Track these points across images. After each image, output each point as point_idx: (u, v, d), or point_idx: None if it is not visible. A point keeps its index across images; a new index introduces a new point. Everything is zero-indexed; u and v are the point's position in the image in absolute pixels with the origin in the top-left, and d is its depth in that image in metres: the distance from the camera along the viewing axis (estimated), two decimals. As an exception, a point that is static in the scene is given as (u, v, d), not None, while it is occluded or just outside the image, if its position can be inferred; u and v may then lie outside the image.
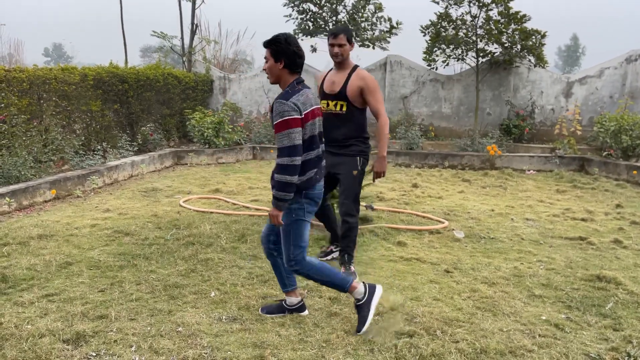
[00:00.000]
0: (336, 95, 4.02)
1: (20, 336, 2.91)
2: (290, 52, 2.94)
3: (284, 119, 2.81)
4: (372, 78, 4.02)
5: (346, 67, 4.05)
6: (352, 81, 3.98)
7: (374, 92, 3.98)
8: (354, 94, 3.98)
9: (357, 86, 3.97)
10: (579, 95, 11.15)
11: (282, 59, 2.94)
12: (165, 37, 12.13)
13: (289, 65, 2.96)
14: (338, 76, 4.06)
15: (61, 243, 4.65)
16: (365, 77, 3.99)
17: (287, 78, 3.00)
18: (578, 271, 4.18)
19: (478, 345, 2.91)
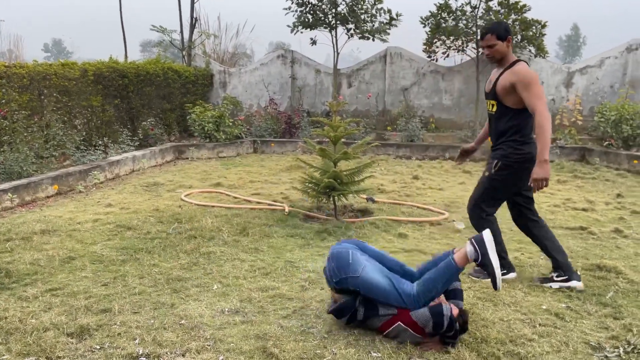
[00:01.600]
0: (488, 94, 3.83)
1: (25, 330, 2.94)
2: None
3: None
4: (528, 71, 3.58)
5: (505, 64, 3.70)
6: (503, 77, 3.64)
7: (529, 86, 3.51)
8: (504, 92, 3.62)
9: (508, 82, 3.59)
10: (580, 85, 11.12)
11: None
12: (165, 31, 12.12)
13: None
14: (495, 74, 3.77)
15: (64, 238, 4.67)
16: (519, 71, 3.58)
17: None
18: (579, 260, 4.20)
19: (479, 335, 2.93)
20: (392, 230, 5.05)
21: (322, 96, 12.44)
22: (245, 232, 4.88)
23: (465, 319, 2.86)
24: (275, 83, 12.62)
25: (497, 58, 3.71)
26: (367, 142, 5.76)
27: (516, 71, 3.59)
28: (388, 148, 10.17)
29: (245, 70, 12.94)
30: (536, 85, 3.53)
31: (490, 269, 2.87)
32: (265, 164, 9.20)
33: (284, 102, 12.57)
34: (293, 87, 12.54)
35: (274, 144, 10.66)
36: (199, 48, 13.09)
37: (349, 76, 12.38)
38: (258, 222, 5.22)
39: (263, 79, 12.62)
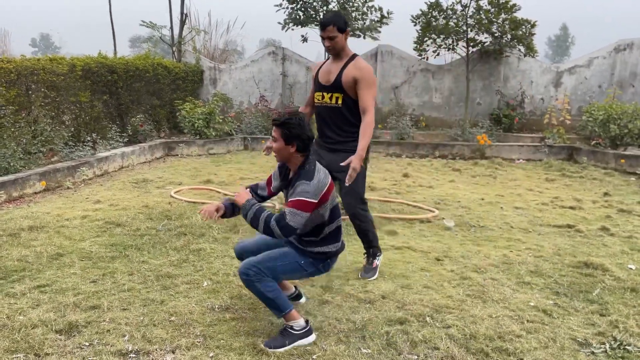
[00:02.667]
0: (331, 85, 3.73)
1: (13, 327, 2.92)
2: (305, 137, 2.82)
3: (299, 198, 2.74)
4: (370, 70, 3.68)
5: (343, 57, 3.74)
6: (348, 70, 3.67)
7: (371, 86, 3.64)
8: (348, 85, 3.67)
9: (352, 76, 3.64)
10: (569, 84, 11.22)
11: (294, 143, 2.82)
12: (155, 27, 12.03)
13: (301, 148, 2.85)
14: (334, 66, 3.76)
15: (52, 234, 4.63)
16: (364, 67, 3.65)
17: (298, 160, 2.89)
18: (566, 258, 4.25)
19: (468, 331, 2.96)
20: (383, 227, 5.06)
21: (313, 94, 12.42)
22: (236, 229, 4.87)
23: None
24: (266, 80, 12.59)
25: (337, 50, 3.72)
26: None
27: (361, 67, 3.66)
28: (378, 146, 10.20)
29: (236, 67, 12.89)
30: (374, 87, 3.70)
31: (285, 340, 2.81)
32: (255, 161, 9.17)
33: (274, 99, 12.54)
34: (284, 84, 12.51)
35: (264, 141, 10.63)
36: (189, 44, 13.01)
37: (339, 74, 12.37)
38: (248, 219, 5.21)
39: (254, 76, 12.58)
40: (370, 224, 3.90)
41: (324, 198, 2.83)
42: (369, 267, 3.86)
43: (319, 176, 2.82)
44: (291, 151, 2.85)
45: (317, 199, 2.78)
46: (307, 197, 2.75)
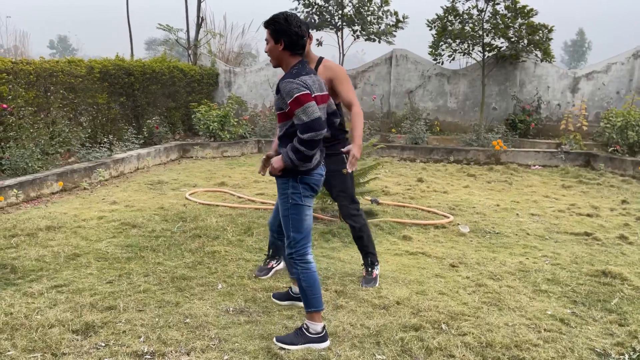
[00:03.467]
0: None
1: (30, 326, 2.95)
2: (292, 32, 2.74)
3: (295, 96, 2.64)
4: (341, 67, 3.70)
5: (311, 61, 3.72)
6: (320, 73, 3.66)
7: (345, 80, 3.67)
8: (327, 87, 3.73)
9: (326, 77, 3.64)
10: (586, 90, 11.09)
11: (282, 40, 2.75)
12: (171, 29, 12.13)
13: (289, 46, 2.76)
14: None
15: (69, 235, 4.68)
16: (333, 66, 3.69)
17: (289, 60, 2.81)
18: (583, 266, 4.19)
19: (484, 339, 2.93)
20: (397, 233, 5.04)
21: (327, 97, 12.42)
22: (250, 232, 4.88)
23: None
24: (280, 83, 12.61)
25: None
26: (373, 144, 5.76)
27: (331, 67, 3.67)
28: (392, 150, 10.17)
29: (251, 70, 12.95)
30: (349, 81, 3.67)
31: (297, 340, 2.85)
32: (269, 164, 9.18)
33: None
34: (298, 88, 12.53)
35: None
36: (204, 47, 13.10)
37: (354, 77, 12.37)
38: (262, 222, 5.22)
39: (268, 79, 12.63)
40: (365, 225, 3.87)
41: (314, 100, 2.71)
42: (369, 277, 3.81)
43: (306, 78, 2.72)
44: (280, 49, 2.77)
45: (309, 91, 2.68)
46: (301, 90, 2.65)
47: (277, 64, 2.86)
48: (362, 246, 3.88)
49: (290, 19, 2.75)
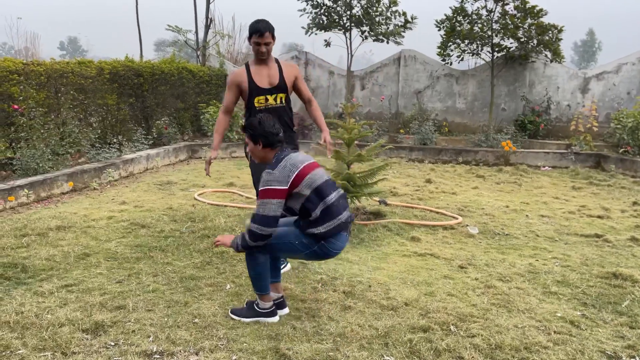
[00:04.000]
0: (276, 87, 3.95)
1: (41, 325, 2.97)
2: (268, 133, 3.06)
3: (264, 188, 2.92)
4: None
5: (270, 61, 3.98)
6: (286, 72, 4.00)
7: (303, 80, 4.19)
8: (291, 83, 4.05)
9: (292, 75, 4.03)
10: (596, 91, 11.01)
11: (259, 141, 3.07)
12: (180, 31, 12.20)
13: (267, 144, 3.08)
14: (268, 69, 3.96)
15: (79, 234, 4.72)
16: (294, 65, 4.15)
17: (269, 154, 3.11)
18: (594, 268, 4.15)
19: (493, 341, 2.91)
20: (405, 234, 5.03)
21: (335, 98, 12.44)
22: (258, 233, 4.88)
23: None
24: (288, 84, 12.63)
25: (268, 55, 3.95)
26: (381, 145, 5.75)
27: (293, 65, 4.14)
28: (401, 151, 10.15)
29: (259, 71, 12.97)
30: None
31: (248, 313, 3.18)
32: (277, 164, 9.20)
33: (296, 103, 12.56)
34: (306, 89, 12.55)
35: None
36: (213, 48, 13.16)
37: (362, 78, 12.37)
38: (271, 222, 5.23)
39: (276, 80, 12.64)
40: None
41: (295, 181, 2.95)
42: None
43: (285, 163, 2.98)
44: (259, 148, 3.11)
45: (286, 185, 2.93)
46: (272, 185, 2.92)
47: (261, 160, 3.18)
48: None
49: (263, 121, 3.08)
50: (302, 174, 2.97)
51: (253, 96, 3.93)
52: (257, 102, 3.93)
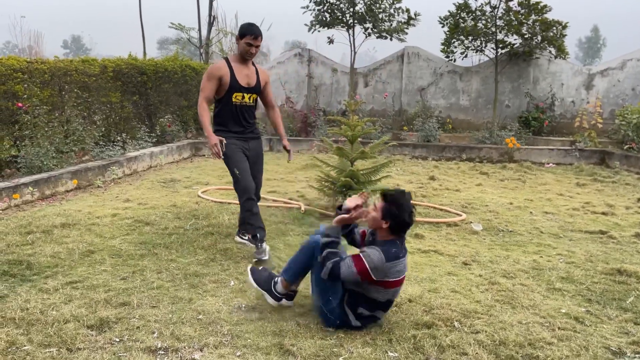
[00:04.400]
0: (253, 88, 4.25)
1: (46, 321, 2.98)
2: (404, 223, 2.90)
3: (364, 260, 2.83)
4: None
5: (250, 62, 4.27)
6: (261, 76, 4.32)
7: (270, 85, 4.50)
8: (263, 87, 4.35)
9: (264, 80, 4.36)
10: (600, 87, 10.97)
11: (389, 221, 2.88)
12: (183, 29, 12.21)
13: (393, 228, 2.91)
14: (247, 70, 4.23)
15: (83, 232, 4.73)
16: (266, 71, 4.49)
17: (385, 234, 2.95)
18: (598, 265, 4.14)
19: (497, 337, 2.91)
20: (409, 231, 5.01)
21: (339, 95, 12.43)
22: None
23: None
24: (291, 82, 12.64)
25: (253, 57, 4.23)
26: (385, 142, 5.74)
27: (265, 71, 4.47)
28: (404, 148, 10.14)
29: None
30: None
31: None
32: (281, 162, 9.21)
33: (300, 100, 12.58)
34: (309, 86, 12.55)
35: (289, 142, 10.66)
36: (216, 46, 13.16)
37: (365, 75, 12.35)
38: (274, 219, 5.24)
39: (279, 78, 12.65)
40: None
41: (385, 284, 2.88)
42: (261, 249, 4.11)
43: (394, 264, 2.86)
44: (383, 226, 2.91)
45: (376, 278, 2.84)
46: (369, 265, 2.82)
47: (372, 227, 3.01)
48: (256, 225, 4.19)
49: (405, 205, 2.87)
50: (395, 284, 2.92)
51: (232, 91, 4.16)
52: (235, 98, 4.18)
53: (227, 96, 4.17)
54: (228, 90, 4.15)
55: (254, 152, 4.39)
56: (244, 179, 4.13)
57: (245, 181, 4.13)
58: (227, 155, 4.16)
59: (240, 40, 4.10)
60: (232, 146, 4.19)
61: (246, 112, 4.30)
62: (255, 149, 4.42)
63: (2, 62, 6.65)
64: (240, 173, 4.13)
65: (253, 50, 4.11)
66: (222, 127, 4.25)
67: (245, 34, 4.06)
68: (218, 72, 4.12)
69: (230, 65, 4.16)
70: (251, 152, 4.35)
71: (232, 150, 4.19)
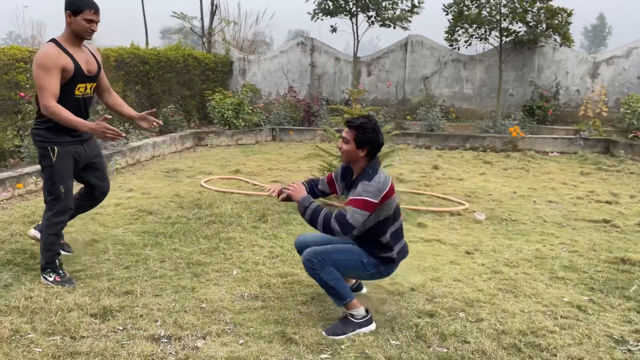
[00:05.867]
0: (94, 76, 3.47)
1: (50, 310, 3.00)
2: (379, 144, 2.87)
3: (359, 198, 2.76)
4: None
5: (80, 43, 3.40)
6: (98, 57, 3.53)
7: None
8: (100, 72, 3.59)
9: (101, 62, 3.59)
10: (606, 75, 10.87)
11: (366, 147, 2.85)
12: (185, 18, 12.14)
13: (371, 153, 2.88)
14: (85, 54, 3.40)
15: (87, 221, 4.74)
16: (97, 49, 3.52)
17: (363, 162, 2.90)
18: (602, 254, 4.13)
19: (499, 326, 2.91)
20: (411, 220, 5.02)
21: (342, 84, 12.38)
22: (264, 219, 4.90)
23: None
24: (294, 71, 12.58)
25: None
26: (387, 131, 5.72)
27: (96, 48, 3.59)
28: (407, 137, 10.10)
29: (265, 58, 12.92)
30: None
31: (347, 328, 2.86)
32: (283, 151, 9.20)
33: (303, 90, 12.53)
34: (312, 75, 12.49)
35: (292, 131, 10.66)
36: (218, 35, 13.10)
37: (368, 64, 12.28)
38: (277, 209, 5.24)
39: (282, 67, 12.59)
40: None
41: (385, 197, 2.83)
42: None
43: (380, 178, 2.83)
44: (360, 155, 2.87)
45: (377, 199, 2.79)
46: (368, 196, 2.76)
47: (349, 162, 2.98)
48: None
49: (378, 128, 2.86)
50: (390, 191, 2.87)
51: (75, 83, 3.32)
52: (78, 91, 3.36)
53: (69, 90, 3.31)
54: (69, 82, 3.27)
55: (93, 152, 3.65)
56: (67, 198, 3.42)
57: (68, 200, 3.44)
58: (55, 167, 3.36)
59: (76, 17, 3.23)
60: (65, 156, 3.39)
61: (85, 107, 3.50)
62: (93, 149, 3.66)
63: (5, 52, 6.64)
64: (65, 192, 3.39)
65: (95, 28, 3.31)
66: (60, 132, 3.33)
67: (82, 9, 3.22)
68: (59, 61, 3.20)
69: (66, 50, 3.27)
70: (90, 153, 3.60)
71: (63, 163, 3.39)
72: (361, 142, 2.83)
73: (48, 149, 3.33)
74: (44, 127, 3.35)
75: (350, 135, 2.85)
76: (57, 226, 3.44)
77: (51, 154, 3.32)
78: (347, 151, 2.87)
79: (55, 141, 3.34)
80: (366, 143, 2.83)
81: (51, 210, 3.41)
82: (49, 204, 3.43)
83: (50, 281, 3.36)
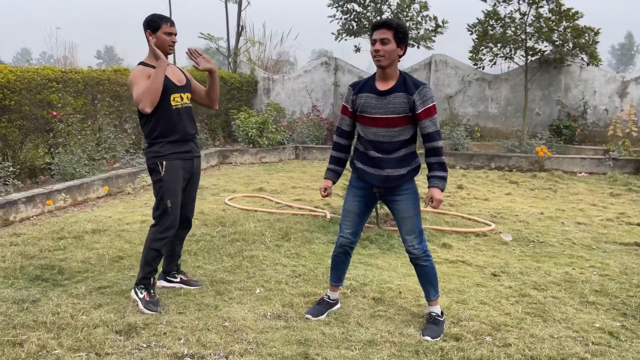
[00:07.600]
0: (184, 86, 3.61)
1: (76, 326, 3.04)
2: (407, 32, 2.94)
3: (433, 104, 2.92)
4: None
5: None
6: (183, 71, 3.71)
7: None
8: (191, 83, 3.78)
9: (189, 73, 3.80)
10: (635, 95, 10.66)
11: (403, 46, 2.91)
12: (212, 38, 12.39)
13: (404, 54, 2.96)
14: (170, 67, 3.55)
15: (113, 238, 4.82)
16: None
17: (396, 65, 2.97)
18: (634, 278, 4.00)
19: (528, 352, 2.83)
20: (436, 240, 4.96)
21: (365, 103, 12.39)
22: (287, 237, 4.90)
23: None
24: (318, 90, 12.69)
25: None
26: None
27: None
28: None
29: (289, 77, 13.07)
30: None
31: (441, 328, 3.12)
32: (307, 170, 9.23)
33: (326, 109, 12.61)
34: (336, 94, 12.57)
35: (315, 150, 10.70)
36: (244, 55, 13.32)
37: (392, 84, 12.29)
38: (300, 227, 5.24)
39: (306, 86, 12.71)
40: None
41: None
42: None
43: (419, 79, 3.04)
44: (400, 54, 2.92)
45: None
46: (434, 101, 2.95)
47: (387, 65, 2.93)
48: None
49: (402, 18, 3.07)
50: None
51: (168, 94, 3.45)
52: (174, 101, 3.50)
53: (164, 101, 3.44)
54: (163, 94, 3.41)
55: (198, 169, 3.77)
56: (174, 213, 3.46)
57: (175, 216, 3.47)
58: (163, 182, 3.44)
59: (157, 34, 3.39)
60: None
61: (189, 116, 3.65)
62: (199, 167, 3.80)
63: (38, 72, 6.87)
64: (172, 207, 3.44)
65: (174, 39, 3.47)
66: (169, 146, 3.49)
67: (160, 24, 3.39)
68: (145, 71, 3.42)
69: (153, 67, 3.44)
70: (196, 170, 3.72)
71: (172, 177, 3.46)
72: (401, 40, 2.87)
73: (157, 164, 3.45)
74: (155, 143, 3.50)
75: (389, 35, 2.84)
76: (160, 242, 3.43)
77: (160, 168, 3.43)
78: (390, 51, 2.86)
79: (164, 154, 3.45)
80: (404, 40, 2.90)
81: (157, 225, 3.44)
82: (156, 219, 3.46)
83: (140, 298, 3.34)
